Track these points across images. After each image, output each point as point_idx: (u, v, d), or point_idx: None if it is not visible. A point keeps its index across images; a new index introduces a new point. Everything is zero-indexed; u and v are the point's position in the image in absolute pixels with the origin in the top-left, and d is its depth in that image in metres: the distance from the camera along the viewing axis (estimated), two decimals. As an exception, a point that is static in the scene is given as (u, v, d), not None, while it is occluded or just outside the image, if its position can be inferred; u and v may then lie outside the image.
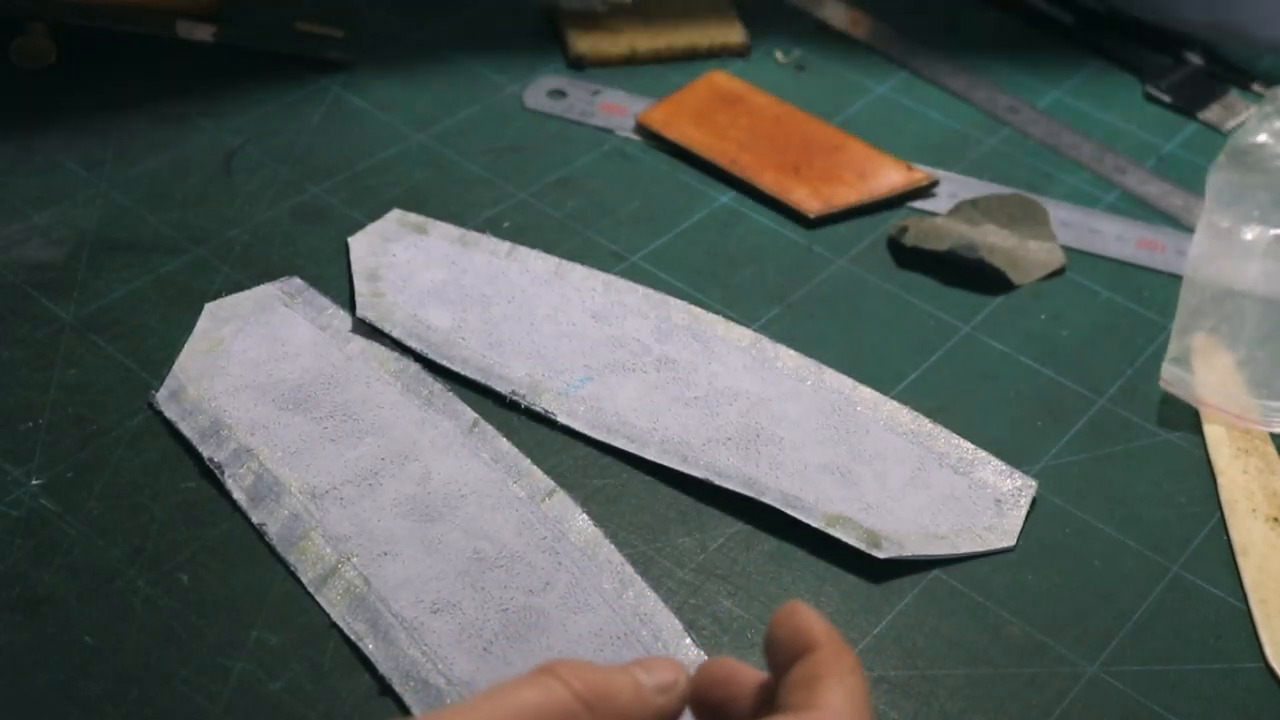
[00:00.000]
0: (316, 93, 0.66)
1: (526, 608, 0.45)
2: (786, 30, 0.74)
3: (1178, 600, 0.49)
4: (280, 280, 0.56)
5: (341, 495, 0.48)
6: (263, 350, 0.53)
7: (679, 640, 0.45)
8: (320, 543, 0.47)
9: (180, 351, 0.53)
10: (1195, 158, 0.68)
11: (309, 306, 0.55)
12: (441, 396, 0.52)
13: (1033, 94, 0.71)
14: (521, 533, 0.48)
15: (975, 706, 0.45)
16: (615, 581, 0.46)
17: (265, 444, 0.50)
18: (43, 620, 0.44)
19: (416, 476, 0.49)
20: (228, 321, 0.54)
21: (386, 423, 0.51)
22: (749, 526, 0.49)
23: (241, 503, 0.48)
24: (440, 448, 0.50)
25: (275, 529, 0.47)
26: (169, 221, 0.59)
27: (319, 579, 0.46)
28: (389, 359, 0.53)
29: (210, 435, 0.50)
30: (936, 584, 0.48)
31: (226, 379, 0.52)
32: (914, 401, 0.54)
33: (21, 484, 0.48)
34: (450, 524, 0.48)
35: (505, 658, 0.44)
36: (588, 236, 0.60)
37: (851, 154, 0.65)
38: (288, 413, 0.51)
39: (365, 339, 0.54)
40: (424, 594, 0.46)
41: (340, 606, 0.45)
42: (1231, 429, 0.54)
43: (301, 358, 0.53)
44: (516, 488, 0.49)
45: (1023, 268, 0.60)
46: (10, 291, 0.55)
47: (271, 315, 0.55)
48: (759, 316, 0.57)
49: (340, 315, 0.55)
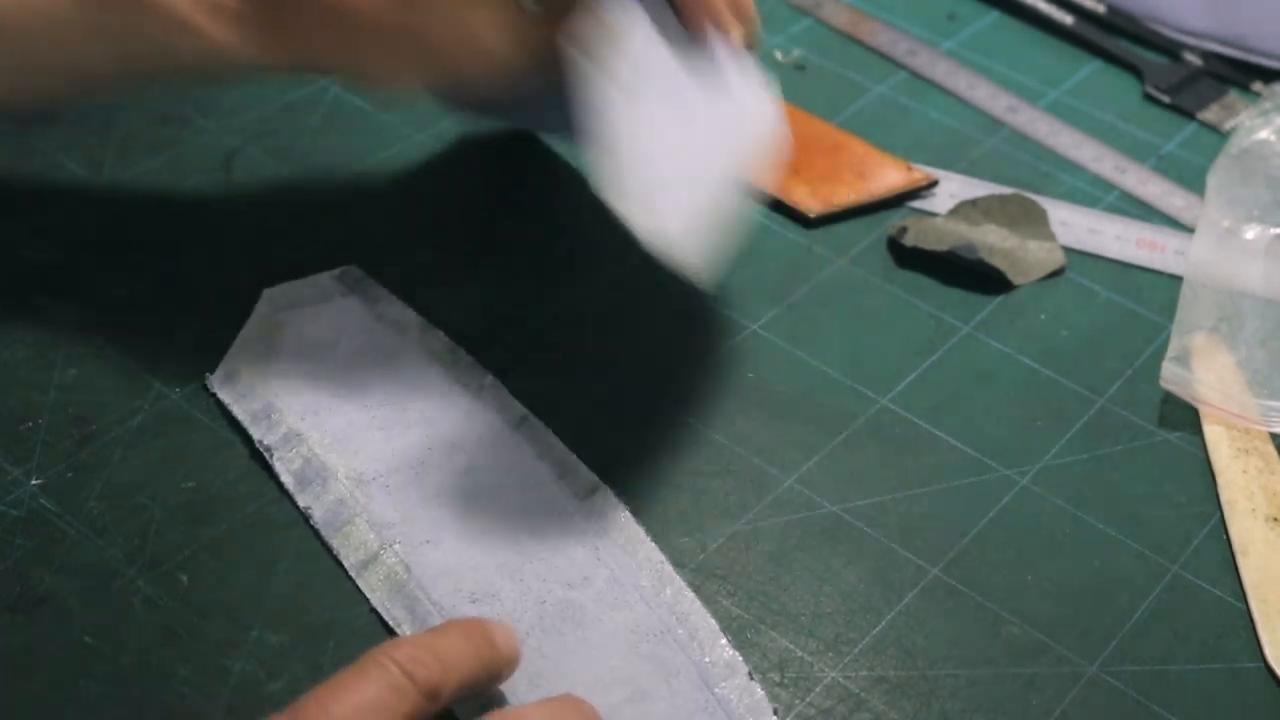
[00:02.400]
0: (316, 93, 0.66)
1: (564, 601, 0.46)
2: (786, 30, 0.74)
3: (1178, 600, 0.49)
4: (339, 270, 0.56)
5: (388, 483, 0.49)
6: (318, 337, 0.54)
7: (714, 640, 0.45)
8: (364, 529, 0.47)
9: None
10: (1195, 158, 0.68)
11: (366, 296, 0.55)
12: (493, 389, 0.52)
13: (1033, 94, 0.71)
14: (563, 527, 0.48)
15: (975, 706, 0.45)
16: (654, 579, 0.47)
17: (315, 429, 0.50)
18: (43, 620, 0.44)
19: (462, 467, 0.49)
20: (285, 308, 0.55)
21: (436, 413, 0.51)
22: (749, 526, 0.50)
23: (288, 486, 0.49)
24: (487, 440, 0.50)
25: (320, 513, 0.48)
26: (169, 221, 0.59)
27: (360, 564, 0.47)
28: (443, 351, 0.53)
29: (261, 419, 0.50)
30: (936, 584, 0.48)
31: (281, 364, 0.52)
32: (914, 402, 0.55)
33: (21, 484, 0.48)
34: (493, 516, 0.48)
35: (541, 649, 0.44)
36: (588, 236, 0.60)
37: (851, 154, 0.65)
38: (339, 399, 0.51)
39: (420, 329, 0.54)
40: (463, 583, 0.46)
41: (380, 592, 0.46)
42: (1231, 429, 0.54)
43: (356, 346, 0.53)
44: (561, 483, 0.49)
45: (1023, 268, 0.60)
46: (10, 291, 0.55)
47: (329, 303, 0.55)
48: (759, 316, 0.57)
49: (396, 305, 0.55)
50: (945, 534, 0.50)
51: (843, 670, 0.46)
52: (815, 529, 0.50)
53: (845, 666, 0.46)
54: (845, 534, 0.50)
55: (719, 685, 0.44)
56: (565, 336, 0.55)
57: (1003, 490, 0.52)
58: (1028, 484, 0.52)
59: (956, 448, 0.53)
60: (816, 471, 0.52)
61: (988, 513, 0.51)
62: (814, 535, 0.50)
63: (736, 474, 0.51)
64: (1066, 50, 0.75)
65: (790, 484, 0.51)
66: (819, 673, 0.45)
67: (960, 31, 0.75)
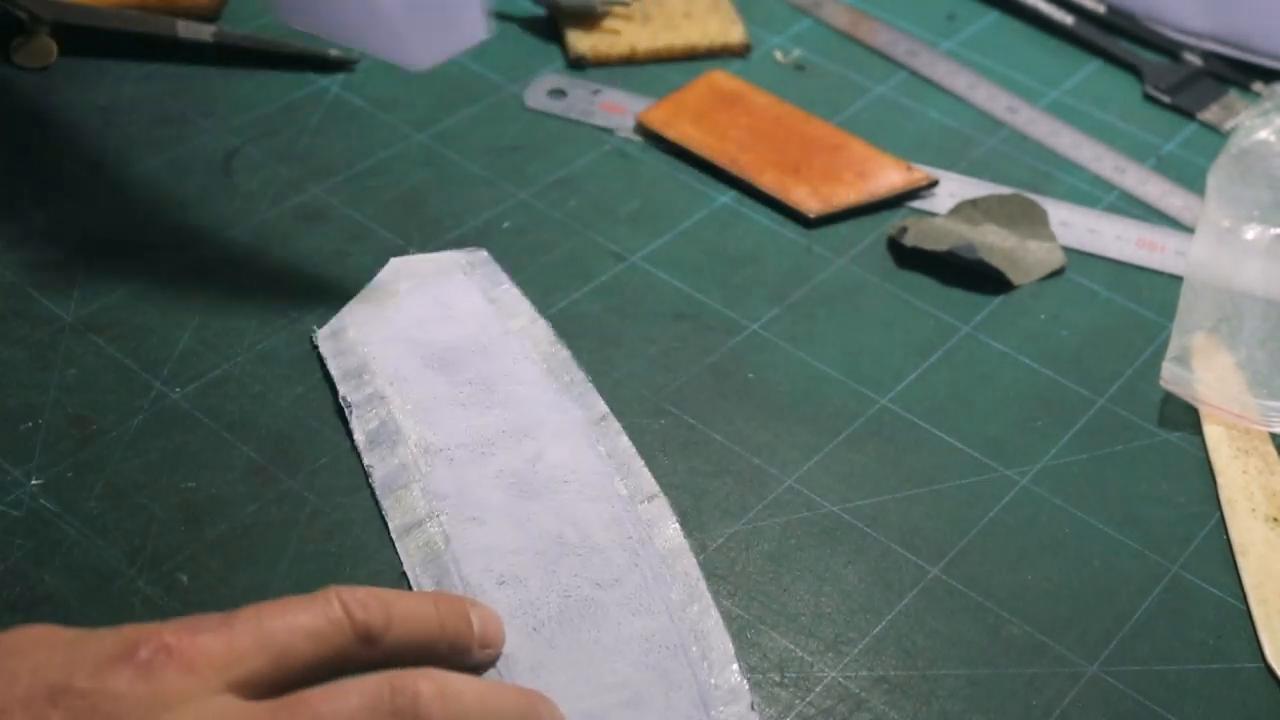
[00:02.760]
0: (316, 93, 0.66)
1: (588, 599, 0.46)
2: (786, 30, 0.74)
3: (1178, 600, 0.49)
4: (467, 249, 0.58)
5: (452, 456, 0.50)
6: (429, 310, 0.55)
7: (726, 664, 0.45)
8: (417, 495, 0.48)
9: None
10: (1195, 158, 0.68)
11: (486, 279, 0.56)
12: (580, 386, 0.53)
13: (1033, 94, 0.71)
14: (609, 528, 0.48)
15: (975, 706, 0.45)
16: (684, 593, 0.46)
17: (399, 395, 0.51)
18: (42, 620, 0.44)
19: (529, 454, 0.50)
20: (406, 278, 0.56)
21: (520, 399, 0.52)
22: (749, 526, 0.50)
23: (360, 444, 0.50)
24: (562, 433, 0.51)
25: (381, 474, 0.49)
26: (169, 221, 0.59)
27: (404, 528, 0.47)
28: (544, 340, 0.54)
29: (352, 376, 0.52)
30: (936, 584, 0.48)
31: (386, 329, 0.54)
32: (914, 402, 0.54)
33: (21, 484, 0.48)
34: (544, 505, 0.48)
35: (551, 640, 0.44)
36: (588, 236, 0.60)
37: (851, 154, 0.65)
38: (430, 371, 0.52)
39: (529, 320, 0.55)
40: (496, 564, 0.46)
41: (415, 558, 0.47)
42: (1231, 429, 0.54)
43: (463, 324, 0.54)
44: (620, 485, 0.49)
45: (1023, 268, 0.60)
46: (10, 291, 0.55)
47: (448, 280, 0.56)
48: (758, 316, 0.57)
49: (513, 294, 0.56)
50: (945, 534, 0.50)
51: (843, 670, 0.46)
52: (815, 529, 0.50)
53: (845, 666, 0.46)
54: (845, 534, 0.50)
55: (716, 709, 0.43)
56: (565, 336, 0.55)
57: (1003, 490, 0.52)
58: (1028, 484, 0.52)
59: (956, 448, 0.53)
60: (816, 471, 0.52)
61: (988, 513, 0.51)
62: (814, 535, 0.50)
63: (736, 474, 0.51)
64: (1066, 50, 0.75)
65: (790, 484, 0.51)
66: (819, 673, 0.45)
67: (960, 31, 0.75)
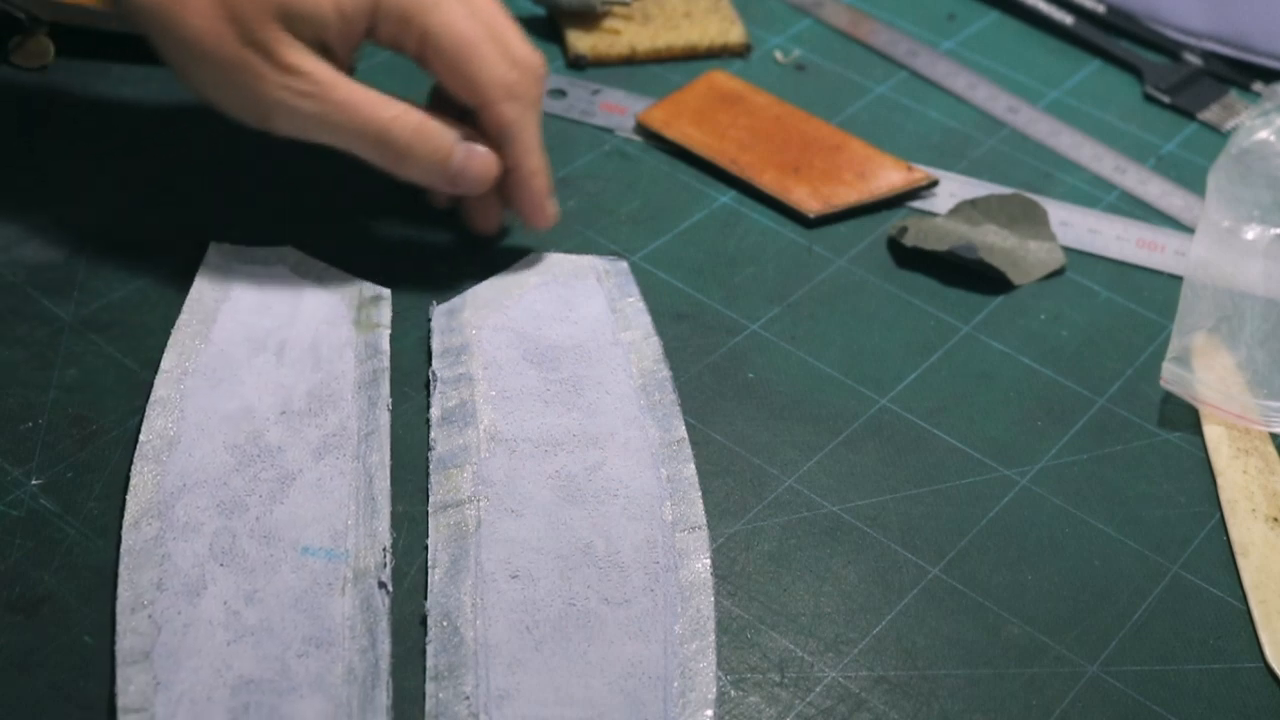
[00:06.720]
0: (316, 93, 0.66)
1: (591, 612, 0.45)
2: (786, 30, 0.74)
3: (1178, 600, 0.49)
4: (609, 257, 0.58)
5: (514, 449, 0.50)
6: (551, 308, 0.55)
7: (700, 709, 0.43)
8: (467, 477, 0.48)
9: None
10: (1195, 158, 0.68)
11: (617, 289, 0.57)
12: (667, 408, 0.52)
13: (1033, 94, 0.71)
14: (640, 549, 0.47)
15: (975, 706, 0.45)
16: (688, 629, 0.45)
17: (487, 380, 0.52)
18: (43, 620, 0.44)
19: (590, 462, 0.50)
20: (540, 273, 0.57)
21: (602, 408, 0.52)
22: (749, 526, 0.50)
23: (433, 418, 0.51)
24: (632, 449, 0.50)
25: (440, 450, 0.49)
26: (169, 221, 0.59)
27: (440, 505, 0.48)
28: (649, 357, 0.54)
29: (450, 355, 0.53)
30: (936, 584, 0.48)
31: (501, 317, 0.54)
32: (914, 402, 0.55)
33: (21, 484, 0.48)
34: (585, 513, 0.48)
35: (539, 643, 0.44)
36: (588, 236, 0.60)
37: (851, 154, 0.65)
38: (527, 363, 0.53)
39: (644, 333, 0.55)
40: (514, 559, 0.46)
41: (441, 535, 0.47)
42: (1231, 429, 0.54)
43: (578, 326, 0.55)
44: (668, 509, 0.49)
45: (1023, 268, 0.60)
46: (10, 291, 0.55)
47: (580, 282, 0.56)
48: (759, 316, 0.57)
49: (638, 306, 0.56)
50: (945, 534, 0.50)
51: (843, 670, 0.46)
52: (815, 529, 0.50)
53: (845, 666, 0.46)
54: (845, 534, 0.50)
55: None
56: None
57: (1003, 490, 0.52)
58: (1028, 484, 0.52)
59: (956, 448, 0.53)
60: (816, 471, 0.52)
61: (988, 513, 0.51)
62: (814, 535, 0.50)
63: (736, 474, 0.51)
64: (1066, 50, 0.75)
65: (790, 484, 0.51)
66: (819, 673, 0.45)
67: (960, 31, 0.75)
